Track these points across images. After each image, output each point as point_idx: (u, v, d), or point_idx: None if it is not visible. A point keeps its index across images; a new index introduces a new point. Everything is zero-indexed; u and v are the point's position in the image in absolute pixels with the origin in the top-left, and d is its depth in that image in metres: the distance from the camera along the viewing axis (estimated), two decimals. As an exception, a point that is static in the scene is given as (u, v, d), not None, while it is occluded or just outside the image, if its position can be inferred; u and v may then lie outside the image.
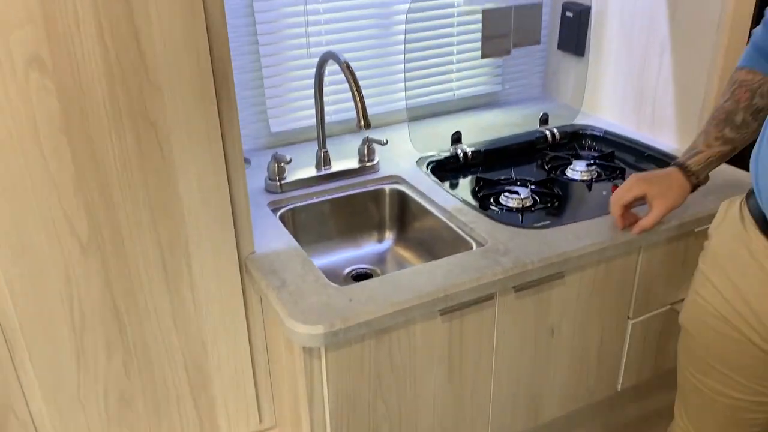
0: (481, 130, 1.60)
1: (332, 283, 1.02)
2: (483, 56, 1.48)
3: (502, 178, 1.42)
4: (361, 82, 1.54)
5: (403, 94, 1.61)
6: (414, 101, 1.63)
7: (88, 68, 0.88)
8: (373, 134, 1.49)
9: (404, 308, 0.97)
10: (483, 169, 1.47)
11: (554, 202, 1.32)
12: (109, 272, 0.99)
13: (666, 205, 1.09)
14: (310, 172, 1.35)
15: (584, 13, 1.61)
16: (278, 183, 1.31)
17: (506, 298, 1.09)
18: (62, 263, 0.95)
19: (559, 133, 1.57)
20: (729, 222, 0.99)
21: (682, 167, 1.09)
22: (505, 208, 1.30)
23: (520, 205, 1.29)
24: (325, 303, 0.98)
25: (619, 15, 1.55)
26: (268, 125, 1.50)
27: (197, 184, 1.00)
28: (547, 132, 1.57)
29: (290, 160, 1.28)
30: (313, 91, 1.49)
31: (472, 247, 1.14)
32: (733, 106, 1.03)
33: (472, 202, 1.30)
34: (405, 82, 1.57)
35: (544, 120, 1.60)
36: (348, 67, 1.14)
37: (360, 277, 1.30)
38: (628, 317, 1.26)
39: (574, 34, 1.66)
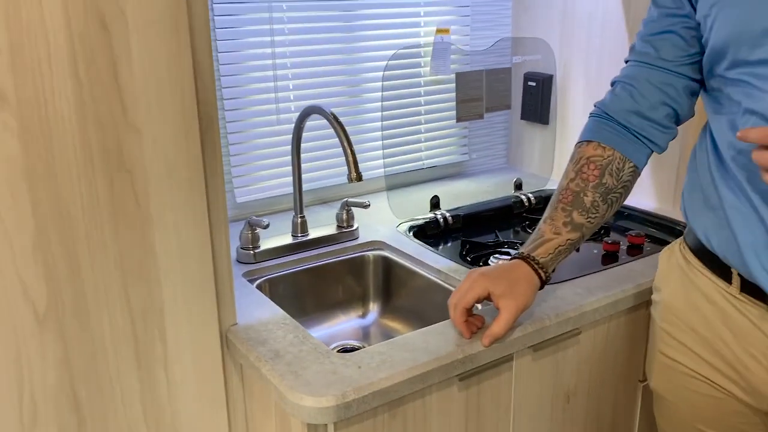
0: (455, 197, 1.55)
1: (335, 351, 0.89)
2: (458, 120, 1.45)
3: (489, 241, 1.35)
4: (332, 150, 1.47)
5: (373, 163, 1.54)
6: (389, 169, 1.57)
7: (58, 104, 0.76)
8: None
9: (423, 372, 0.85)
10: (465, 233, 1.41)
11: (547, 262, 1.25)
12: (69, 349, 0.82)
13: (515, 306, 0.89)
14: (286, 239, 1.24)
15: (546, 81, 1.63)
16: (252, 252, 1.18)
17: (524, 359, 0.98)
18: (12, 338, 0.78)
19: (535, 197, 1.54)
20: (675, 271, 0.94)
21: (528, 259, 0.91)
22: (499, 269, 1.22)
23: (515, 266, 1.22)
24: (331, 372, 0.84)
25: (584, 81, 1.57)
26: (233, 195, 1.39)
27: (176, 241, 0.87)
28: (523, 197, 1.53)
29: (267, 225, 1.16)
30: (283, 158, 1.41)
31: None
32: (581, 187, 0.92)
33: (463, 263, 1.22)
34: (383, 149, 1.51)
35: (518, 185, 1.57)
36: (335, 117, 1.07)
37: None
38: (639, 380, 1.18)
39: (538, 103, 1.67)
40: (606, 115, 0.94)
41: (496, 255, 1.25)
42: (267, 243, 1.21)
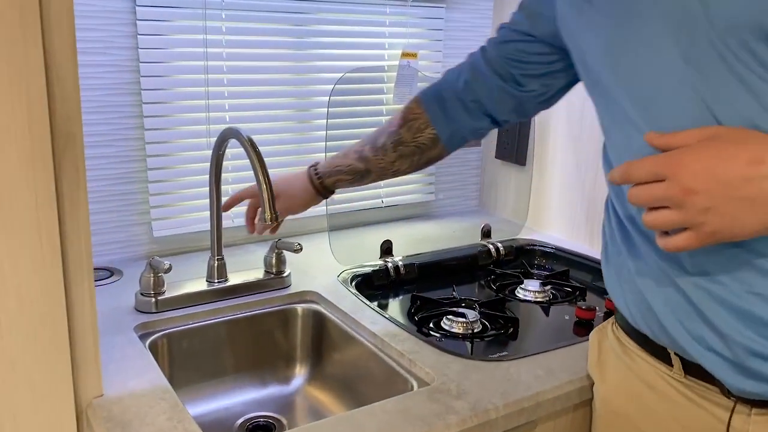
0: (414, 242, 1.35)
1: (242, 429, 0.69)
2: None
3: (443, 297, 1.15)
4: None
5: (322, 198, 1.35)
6: (336, 207, 1.38)
7: None
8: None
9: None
10: (419, 286, 1.21)
11: (508, 328, 1.05)
12: None
13: (285, 205, 1.00)
14: (200, 285, 1.04)
15: (525, 120, 1.45)
16: (153, 299, 0.98)
17: (462, 460, 0.78)
18: None
19: (504, 248, 1.35)
20: (609, 356, 0.79)
21: (312, 167, 0.99)
22: (448, 333, 1.02)
23: (469, 331, 1.02)
24: (198, 477, 0.64)
25: (566, 121, 1.40)
26: (150, 229, 1.20)
27: (15, 292, 0.68)
28: (491, 246, 1.34)
29: (169, 268, 0.96)
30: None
31: (413, 387, 0.85)
32: (383, 129, 0.95)
33: (409, 324, 1.02)
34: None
35: (486, 233, 1.38)
36: (252, 143, 0.88)
37: (259, 429, 0.96)
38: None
39: (514, 142, 1.50)
40: (439, 91, 0.92)
41: (449, 316, 1.05)
42: (175, 289, 1.02)
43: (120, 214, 1.17)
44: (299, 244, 1.07)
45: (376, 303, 1.09)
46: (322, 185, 0.98)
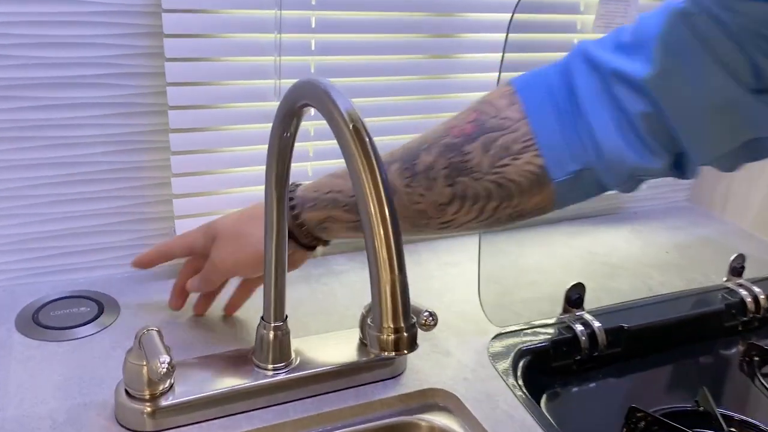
0: (597, 265, 0.81)
1: None
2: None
3: (679, 407, 0.62)
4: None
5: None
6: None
7: None
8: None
9: None
10: (626, 366, 0.68)
11: None
12: None
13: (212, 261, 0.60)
14: (235, 374, 0.55)
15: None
16: (147, 407, 0.50)
17: None
18: None
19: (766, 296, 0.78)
20: None
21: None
22: None
23: None
24: None
25: None
26: (173, 231, 0.71)
27: None
28: (743, 292, 0.77)
29: (170, 368, 0.47)
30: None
31: None
32: (434, 137, 0.49)
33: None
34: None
35: (738, 268, 0.81)
36: (353, 121, 0.35)
37: None
38: None
39: None
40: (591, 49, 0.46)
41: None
42: (191, 377, 0.53)
43: (131, 202, 0.69)
44: (432, 314, 0.54)
45: (558, 407, 0.57)
46: (299, 226, 0.54)
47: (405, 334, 0.35)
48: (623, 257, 0.86)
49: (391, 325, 0.34)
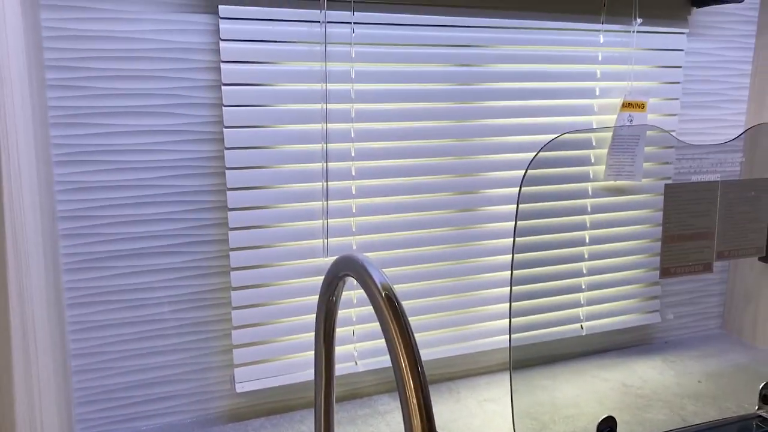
0: (631, 397, 0.84)
1: None
2: (662, 274, 0.77)
3: None
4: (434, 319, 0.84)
5: (492, 324, 0.88)
6: (520, 336, 0.90)
7: None
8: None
9: None
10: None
11: None
12: None
13: None
14: None
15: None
16: None
17: None
18: None
19: (802, 425, 0.80)
20: None
21: None
22: None
23: None
24: None
25: None
26: (232, 380, 0.79)
27: None
28: (778, 422, 0.79)
29: None
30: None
31: None
32: None
33: None
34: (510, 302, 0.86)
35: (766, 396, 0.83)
36: (387, 293, 0.43)
37: None
38: None
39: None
40: None
41: None
42: None
43: (191, 355, 0.77)
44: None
45: None
46: None
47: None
48: (656, 388, 0.89)
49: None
